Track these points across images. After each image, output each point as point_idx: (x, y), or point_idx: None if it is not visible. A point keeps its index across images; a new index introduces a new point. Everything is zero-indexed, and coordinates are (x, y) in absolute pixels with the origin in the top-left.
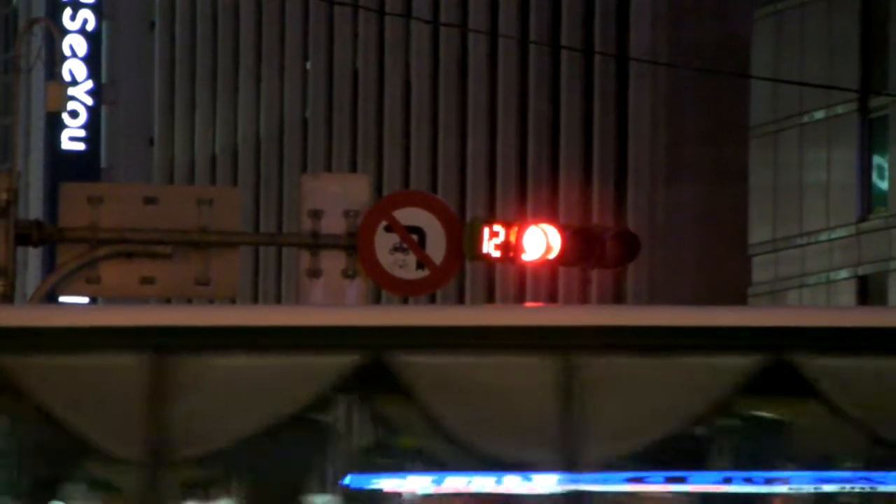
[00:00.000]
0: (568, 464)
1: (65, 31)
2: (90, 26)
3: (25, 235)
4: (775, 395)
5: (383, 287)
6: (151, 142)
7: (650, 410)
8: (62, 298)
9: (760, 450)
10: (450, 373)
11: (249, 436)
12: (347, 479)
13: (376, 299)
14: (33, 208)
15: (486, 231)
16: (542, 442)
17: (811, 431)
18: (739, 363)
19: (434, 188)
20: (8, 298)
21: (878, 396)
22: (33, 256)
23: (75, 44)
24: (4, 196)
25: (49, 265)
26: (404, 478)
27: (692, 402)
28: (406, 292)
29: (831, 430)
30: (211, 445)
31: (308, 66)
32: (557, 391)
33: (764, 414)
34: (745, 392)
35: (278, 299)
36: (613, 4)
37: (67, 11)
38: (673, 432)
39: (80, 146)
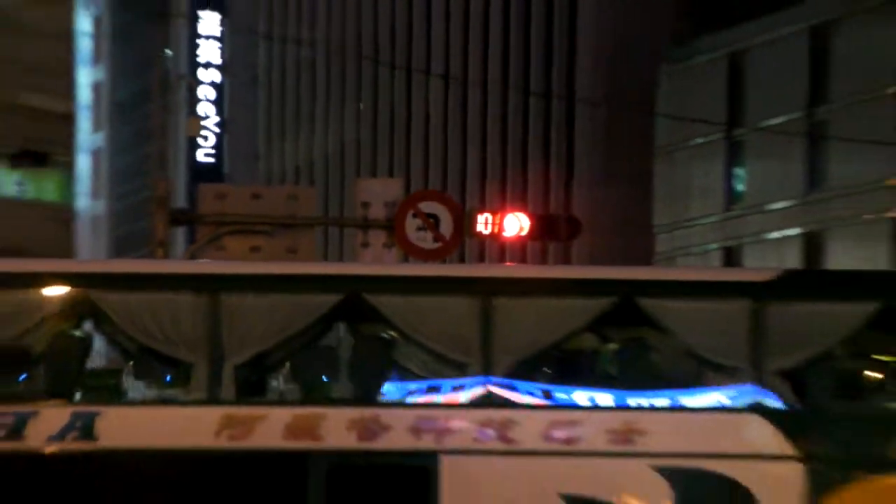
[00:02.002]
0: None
1: (199, 83)
2: (217, 79)
3: (176, 219)
4: (625, 327)
5: (410, 254)
6: (256, 157)
7: (532, 334)
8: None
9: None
10: (405, 307)
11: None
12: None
13: (405, 262)
14: (180, 201)
15: (479, 217)
16: (466, 351)
17: (649, 356)
18: (591, 303)
19: (445, 187)
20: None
21: (706, 330)
22: (180, 233)
23: (207, 92)
24: (163, 193)
25: (190, 239)
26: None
27: (557, 330)
28: (425, 258)
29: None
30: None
31: (360, 106)
32: (472, 318)
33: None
34: (597, 324)
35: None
36: (566, 49)
37: (201, 70)
38: (547, 352)
39: (210, 160)
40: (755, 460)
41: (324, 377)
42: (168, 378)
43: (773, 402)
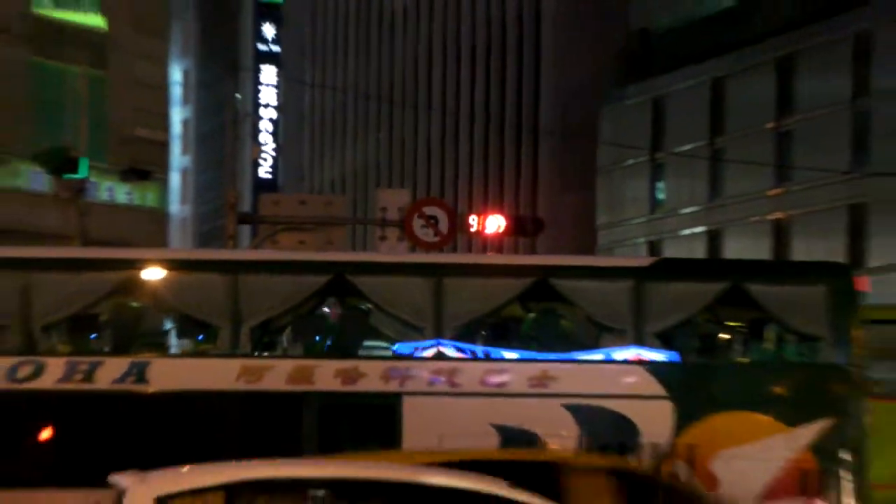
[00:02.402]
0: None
1: (260, 118)
2: (273, 116)
3: (243, 220)
4: (542, 301)
5: (417, 246)
6: (302, 174)
7: (472, 306)
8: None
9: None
10: (378, 285)
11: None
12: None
13: (412, 251)
14: (246, 207)
15: (469, 218)
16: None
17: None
18: (517, 283)
19: (442, 194)
20: None
21: (601, 302)
22: (246, 230)
23: (266, 125)
24: (233, 200)
25: (253, 235)
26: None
27: (491, 302)
28: (427, 249)
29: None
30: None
31: (379, 135)
32: (426, 294)
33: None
34: (522, 298)
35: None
36: (533, 92)
37: (262, 109)
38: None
39: (268, 176)
40: (637, 399)
41: (317, 337)
42: (201, 337)
43: (651, 357)
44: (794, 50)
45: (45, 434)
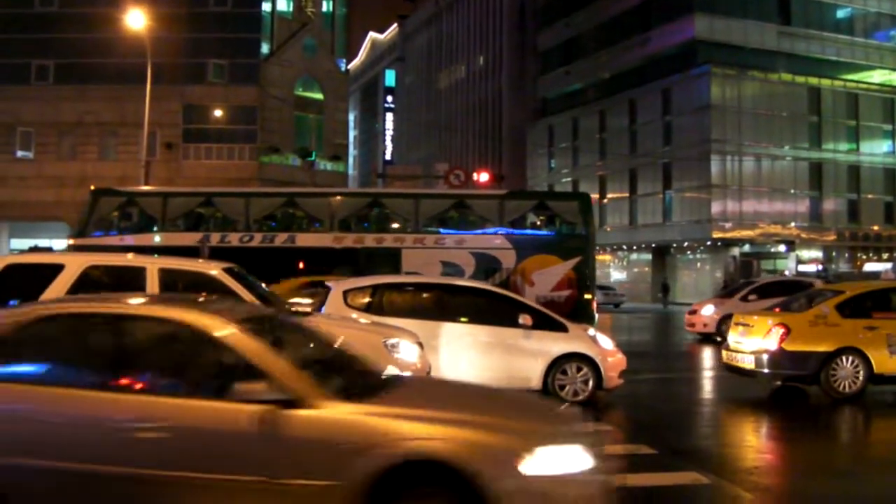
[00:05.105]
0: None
1: (385, 129)
2: (390, 126)
3: (379, 175)
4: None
5: (450, 187)
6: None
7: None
8: None
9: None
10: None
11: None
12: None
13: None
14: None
15: (474, 175)
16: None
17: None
18: (448, 202)
19: (461, 162)
20: None
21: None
22: (379, 182)
23: (388, 127)
24: (375, 168)
25: (383, 184)
26: None
27: (440, 210)
28: (454, 189)
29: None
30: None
31: (441, 133)
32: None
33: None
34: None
35: None
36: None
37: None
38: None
39: (389, 158)
40: (501, 249)
41: (366, 224)
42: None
43: (506, 231)
44: None
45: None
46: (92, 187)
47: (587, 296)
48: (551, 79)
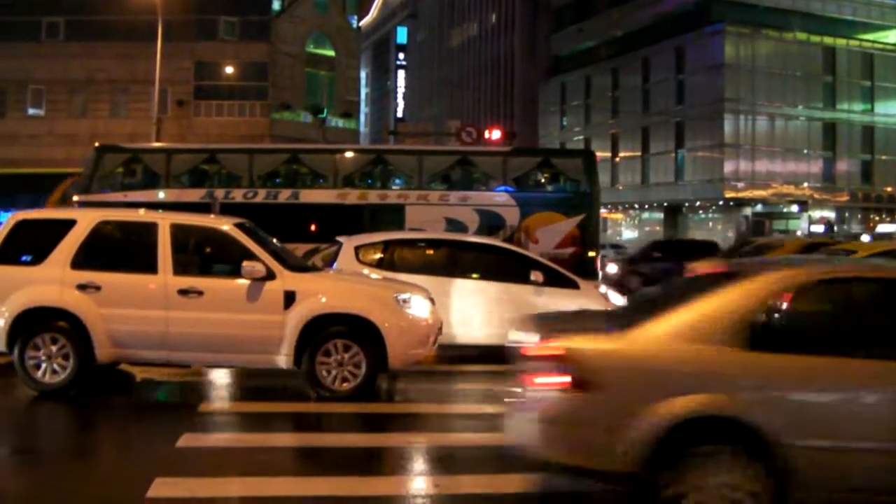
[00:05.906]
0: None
1: (397, 86)
2: (402, 82)
3: (391, 132)
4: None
5: (462, 145)
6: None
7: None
8: None
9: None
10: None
11: None
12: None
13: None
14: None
15: (486, 132)
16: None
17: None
18: (451, 158)
19: (472, 119)
20: None
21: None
22: (390, 138)
23: (400, 84)
24: (387, 126)
25: (394, 140)
26: None
27: (444, 166)
28: (466, 146)
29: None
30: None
31: (452, 92)
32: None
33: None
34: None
35: None
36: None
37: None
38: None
39: (400, 115)
40: (505, 207)
41: (370, 181)
42: None
43: (510, 189)
44: None
45: None
46: (97, 144)
47: (591, 253)
48: (564, 36)
